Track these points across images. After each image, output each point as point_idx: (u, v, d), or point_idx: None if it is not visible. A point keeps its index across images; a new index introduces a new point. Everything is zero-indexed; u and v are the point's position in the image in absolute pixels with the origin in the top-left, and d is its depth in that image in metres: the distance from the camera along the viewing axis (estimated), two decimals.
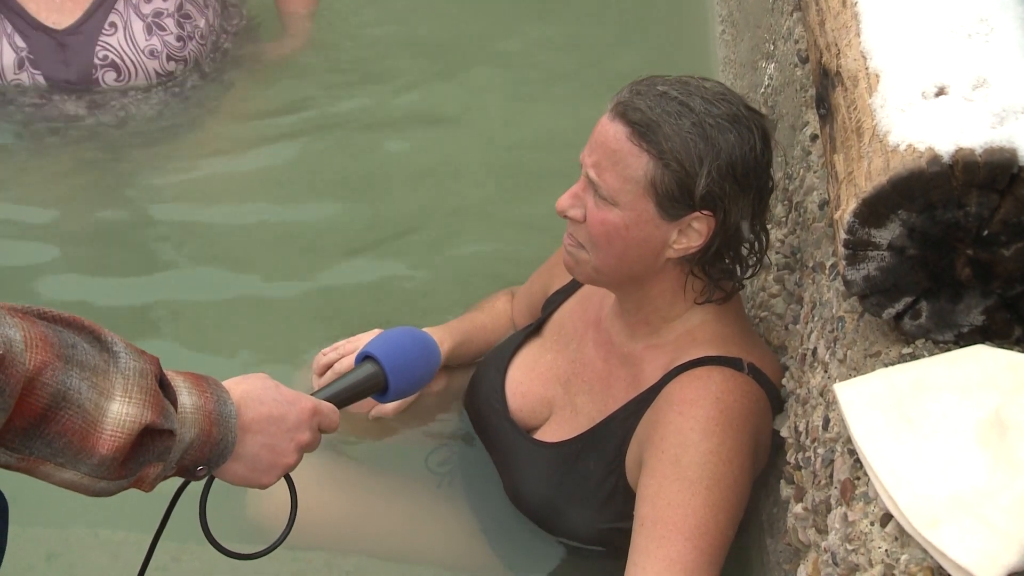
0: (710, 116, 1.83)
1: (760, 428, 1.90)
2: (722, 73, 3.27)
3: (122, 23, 3.05)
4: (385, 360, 1.81)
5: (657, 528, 1.77)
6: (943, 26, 1.61)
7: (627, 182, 1.84)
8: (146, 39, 3.06)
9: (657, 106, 1.83)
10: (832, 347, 1.73)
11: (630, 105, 1.85)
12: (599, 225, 1.87)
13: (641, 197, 1.84)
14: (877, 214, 1.50)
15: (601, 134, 1.87)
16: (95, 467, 1.36)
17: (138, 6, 3.06)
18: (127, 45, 3.06)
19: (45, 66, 3.05)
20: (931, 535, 1.32)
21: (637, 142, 1.83)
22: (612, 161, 1.85)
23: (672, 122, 1.82)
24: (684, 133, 1.82)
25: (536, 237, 2.73)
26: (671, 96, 1.84)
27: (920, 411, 1.45)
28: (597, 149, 1.87)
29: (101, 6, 3.04)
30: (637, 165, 1.83)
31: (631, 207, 1.85)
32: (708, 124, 1.83)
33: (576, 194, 1.91)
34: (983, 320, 1.56)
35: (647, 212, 1.85)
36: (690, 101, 1.84)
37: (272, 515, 2.01)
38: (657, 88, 1.86)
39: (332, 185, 3.07)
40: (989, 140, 1.44)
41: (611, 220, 1.86)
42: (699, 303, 1.95)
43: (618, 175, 1.85)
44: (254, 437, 1.55)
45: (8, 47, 3.03)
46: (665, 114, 1.83)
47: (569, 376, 2.09)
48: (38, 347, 1.29)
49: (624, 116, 1.84)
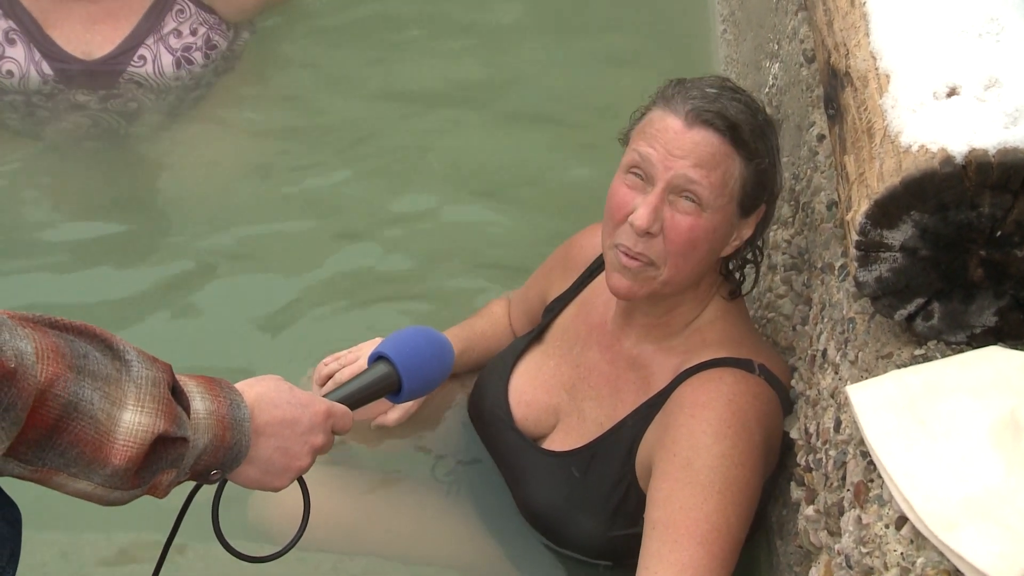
0: (761, 114, 1.91)
1: (771, 430, 1.89)
2: (724, 73, 3.26)
3: (151, 56, 3.07)
4: (398, 360, 1.79)
5: (669, 532, 1.76)
6: (953, 26, 1.61)
7: (726, 184, 1.86)
8: (174, 71, 3.09)
9: (730, 108, 1.86)
10: (843, 348, 1.72)
11: (707, 111, 1.85)
12: (687, 232, 1.86)
13: (731, 199, 1.87)
14: (889, 215, 1.50)
15: (685, 142, 1.85)
16: (108, 477, 1.35)
17: (167, 40, 3.08)
18: (154, 75, 3.09)
19: (70, 85, 3.09)
20: (948, 538, 1.31)
21: (731, 143, 1.85)
22: (711, 165, 1.85)
23: (748, 120, 1.87)
24: (758, 130, 1.88)
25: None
26: (727, 96, 1.88)
27: (934, 413, 1.44)
28: (684, 155, 1.84)
29: (132, 42, 3.06)
30: (733, 167, 1.86)
31: (721, 209, 1.87)
32: (764, 123, 1.90)
33: (656, 207, 1.85)
34: (996, 321, 1.55)
35: (731, 212, 1.89)
36: (742, 98, 1.90)
37: (275, 519, 2.01)
38: (707, 91, 1.88)
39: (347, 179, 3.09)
40: (1002, 140, 1.43)
41: (700, 225, 1.86)
42: (724, 297, 1.99)
43: (719, 177, 1.85)
44: (268, 440, 1.54)
45: (35, 72, 3.05)
46: (740, 114, 1.87)
47: (574, 382, 2.08)
48: (50, 358, 1.28)
49: (708, 123, 1.85)
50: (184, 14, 3.10)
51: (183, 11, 3.10)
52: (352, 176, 3.08)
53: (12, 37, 3.03)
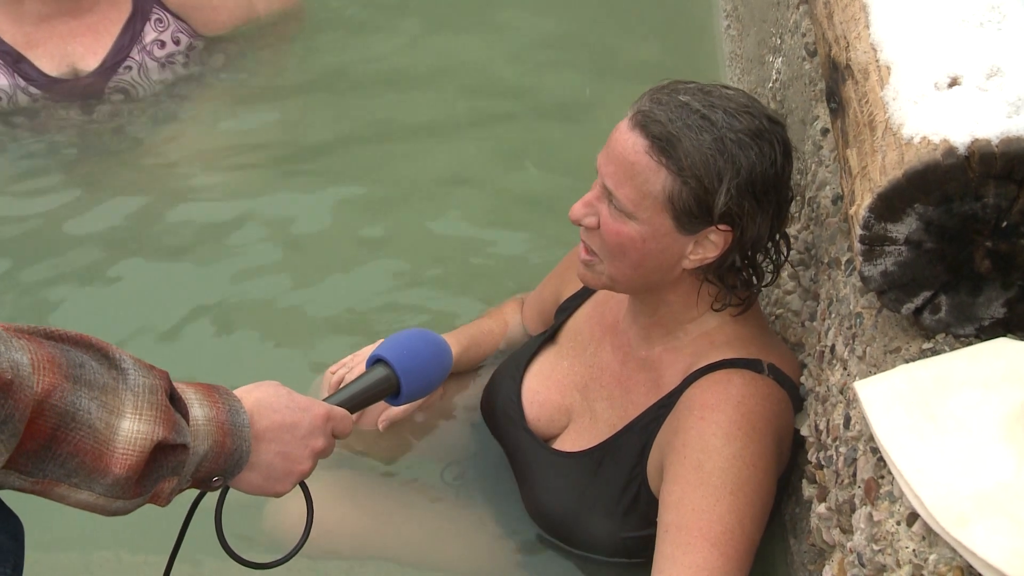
0: (732, 131, 1.79)
1: (782, 430, 1.87)
2: (728, 69, 3.26)
3: (137, 66, 3.17)
4: (396, 363, 1.79)
5: (682, 535, 1.75)
6: (954, 15, 1.59)
7: (645, 197, 1.81)
8: (159, 74, 3.19)
9: (678, 119, 1.79)
10: (851, 344, 1.71)
11: (650, 116, 1.80)
12: (614, 236, 1.85)
13: (659, 212, 1.81)
14: (893, 208, 1.48)
15: (619, 143, 1.83)
16: (110, 487, 1.35)
17: (151, 51, 3.17)
18: (140, 79, 3.18)
19: (57, 100, 3.15)
20: (960, 534, 1.30)
21: (656, 157, 1.79)
22: (630, 174, 1.81)
23: (693, 137, 1.78)
24: (704, 149, 1.78)
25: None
26: (693, 108, 1.80)
27: (943, 407, 1.43)
28: (614, 160, 1.83)
29: (117, 54, 3.15)
30: (655, 180, 1.80)
31: (648, 221, 1.82)
32: (729, 140, 1.79)
33: (590, 202, 1.87)
34: (1004, 312, 1.53)
35: (664, 226, 1.82)
36: (712, 114, 1.79)
37: (290, 527, 2.00)
38: (679, 98, 1.81)
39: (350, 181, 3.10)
40: (1005, 130, 1.42)
41: (626, 232, 1.84)
42: (715, 310, 1.92)
43: (636, 189, 1.81)
44: (268, 445, 1.54)
45: (22, 94, 3.12)
46: (686, 128, 1.78)
47: (587, 382, 2.07)
48: (46, 369, 1.28)
49: (644, 128, 1.80)
50: (162, 23, 3.19)
51: (161, 20, 3.19)
52: (349, 181, 3.09)
53: None
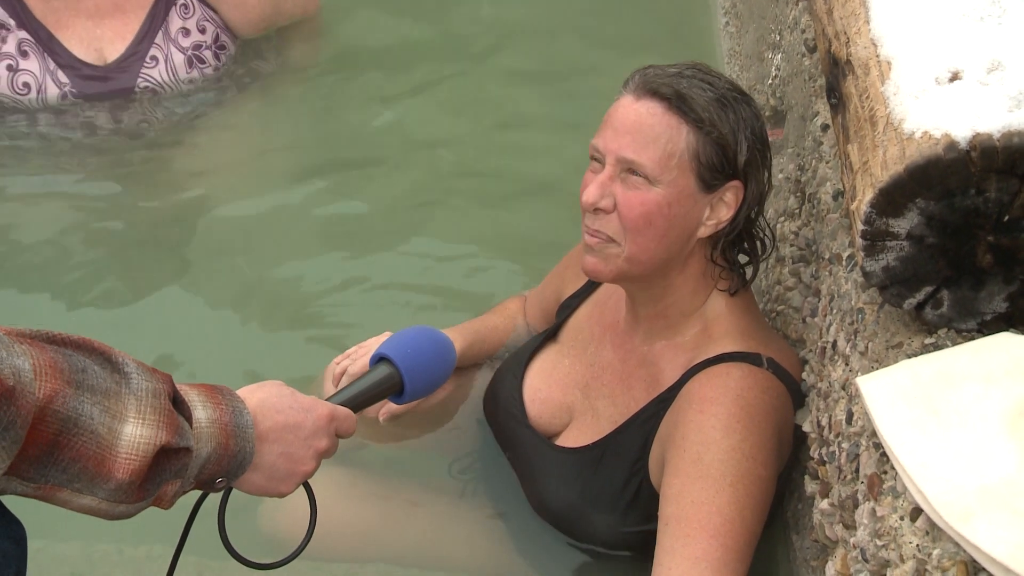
0: (726, 89, 1.87)
1: (782, 423, 1.88)
2: (728, 65, 3.26)
3: (163, 56, 3.17)
4: (400, 361, 1.79)
5: (682, 527, 1.75)
6: (954, 10, 1.59)
7: (671, 156, 1.83)
8: (187, 72, 3.20)
9: (680, 81, 1.85)
10: (853, 339, 1.71)
11: (655, 82, 1.85)
12: (638, 207, 1.84)
13: (684, 171, 1.84)
14: (894, 203, 1.48)
15: (629, 115, 1.85)
16: (112, 491, 1.35)
17: (177, 40, 3.17)
18: (168, 76, 3.18)
19: (87, 95, 3.16)
20: (963, 529, 1.29)
21: (676, 113, 1.83)
22: (651, 137, 1.83)
23: (701, 93, 1.84)
24: (713, 104, 1.84)
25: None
26: (685, 75, 1.86)
27: (946, 402, 1.42)
28: (629, 130, 1.84)
29: (143, 41, 3.15)
30: (678, 138, 1.83)
31: (672, 183, 1.84)
32: (729, 96, 1.87)
33: (603, 183, 1.87)
34: (1007, 307, 1.53)
35: (688, 187, 1.85)
36: (704, 77, 1.87)
37: (288, 527, 2.00)
38: (668, 70, 1.88)
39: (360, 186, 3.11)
40: (1007, 124, 1.41)
41: (651, 199, 1.84)
42: (721, 289, 1.94)
43: (660, 149, 1.83)
44: (272, 446, 1.54)
45: (52, 83, 3.13)
46: (692, 87, 1.84)
47: (588, 381, 2.08)
48: (48, 374, 1.27)
49: (654, 92, 1.84)
50: (188, 10, 3.19)
51: (187, 7, 3.19)
52: (372, 184, 3.11)
53: (25, 49, 3.10)
